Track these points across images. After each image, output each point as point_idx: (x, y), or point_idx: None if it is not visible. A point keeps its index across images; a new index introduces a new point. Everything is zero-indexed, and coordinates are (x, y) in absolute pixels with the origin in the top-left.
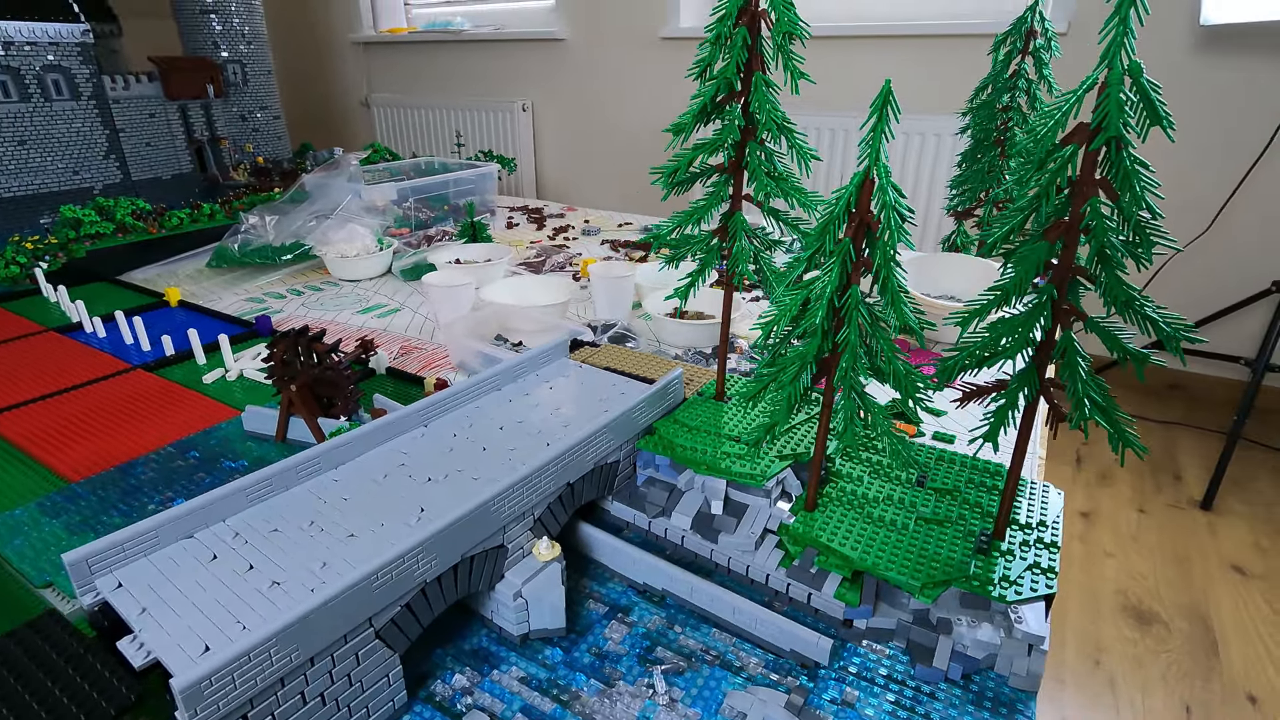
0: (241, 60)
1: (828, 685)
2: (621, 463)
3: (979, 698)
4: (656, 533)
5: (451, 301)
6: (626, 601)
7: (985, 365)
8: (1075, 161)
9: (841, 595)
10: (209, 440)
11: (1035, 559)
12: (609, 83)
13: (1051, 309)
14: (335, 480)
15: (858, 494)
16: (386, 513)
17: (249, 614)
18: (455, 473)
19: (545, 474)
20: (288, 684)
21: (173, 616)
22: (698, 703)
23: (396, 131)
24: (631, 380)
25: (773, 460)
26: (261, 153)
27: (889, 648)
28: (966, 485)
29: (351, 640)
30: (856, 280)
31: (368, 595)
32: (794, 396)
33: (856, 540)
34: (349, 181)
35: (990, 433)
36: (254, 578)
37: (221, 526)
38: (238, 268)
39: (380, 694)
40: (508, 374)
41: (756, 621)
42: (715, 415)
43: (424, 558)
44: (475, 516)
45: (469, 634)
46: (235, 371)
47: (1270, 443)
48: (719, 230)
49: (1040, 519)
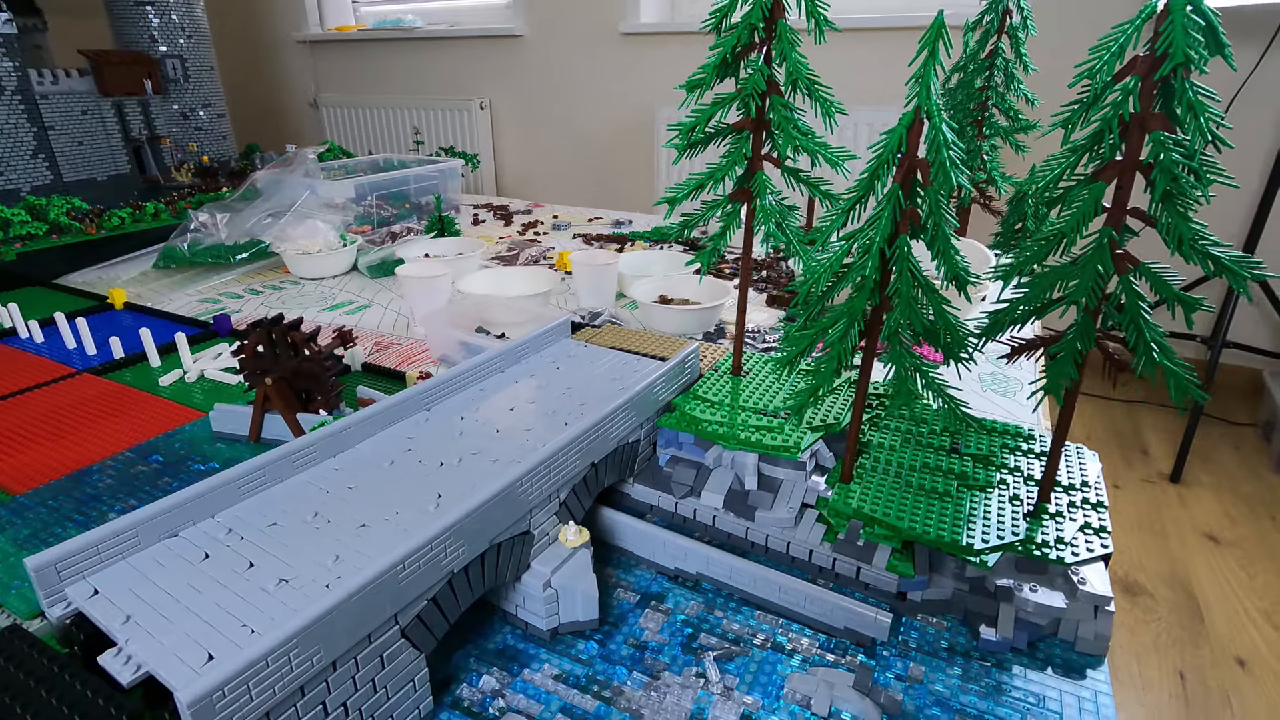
0: (181, 55)
1: (890, 662)
2: (642, 442)
3: (1047, 664)
4: (685, 514)
5: (428, 293)
6: (659, 589)
7: (1037, 317)
8: (1134, 95)
9: (894, 567)
10: (172, 443)
11: (1085, 520)
12: (569, 79)
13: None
14: (336, 469)
15: (893, 463)
16: (400, 501)
17: (257, 616)
18: (470, 456)
19: (570, 453)
20: (308, 692)
21: (164, 624)
22: (755, 689)
23: (348, 133)
24: (643, 358)
25: (804, 432)
26: (206, 152)
27: (946, 619)
28: (1001, 450)
29: (376, 640)
30: (905, 229)
31: (394, 588)
32: (842, 356)
33: (901, 510)
34: (304, 177)
35: (1052, 384)
36: (257, 576)
37: (211, 523)
38: (187, 268)
39: (406, 701)
40: (510, 355)
41: (806, 600)
42: (735, 390)
43: (452, 544)
44: (504, 498)
45: (491, 633)
46: (195, 373)
47: (1226, 416)
48: (738, 192)
49: (1081, 480)
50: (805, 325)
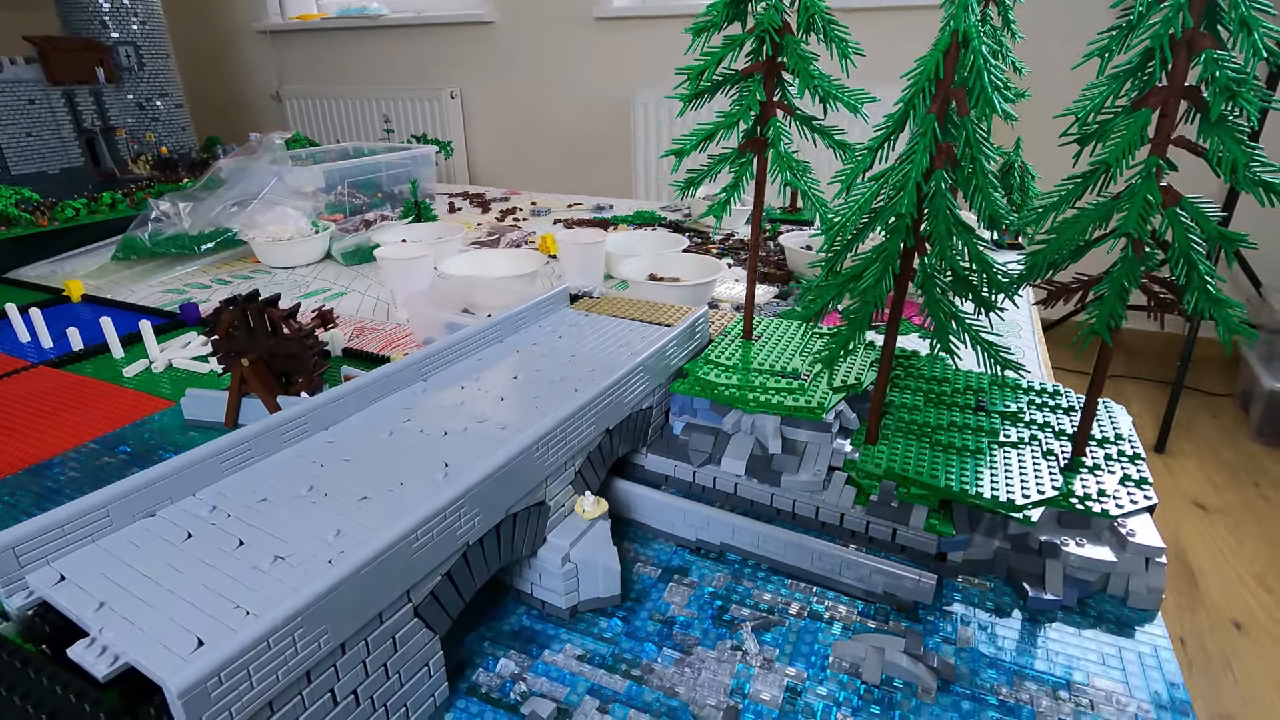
0: (134, 41)
1: (936, 626)
2: (655, 410)
3: (1099, 621)
4: (703, 483)
5: (409, 275)
6: (680, 561)
7: (1073, 260)
8: (1185, 10)
9: (933, 527)
10: (141, 433)
11: (1124, 472)
12: (543, 66)
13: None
14: (330, 442)
15: (918, 423)
16: (403, 471)
17: (252, 597)
18: (476, 424)
19: (584, 418)
20: (315, 679)
21: (144, 610)
22: (797, 660)
23: (313, 126)
24: (649, 325)
25: (826, 393)
26: (165, 143)
27: (988, 580)
28: (1029, 407)
29: (388, 620)
30: (941, 165)
31: (406, 561)
32: (878, 300)
33: (934, 469)
34: (271, 164)
35: (1100, 323)
36: (248, 554)
37: (193, 500)
38: (149, 260)
39: (420, 687)
40: (508, 325)
41: (843, 565)
42: (748, 353)
43: (467, 514)
44: (518, 465)
45: (504, 614)
46: (162, 362)
47: (1202, 387)
48: (750, 142)
49: (1115, 433)
50: (829, 275)
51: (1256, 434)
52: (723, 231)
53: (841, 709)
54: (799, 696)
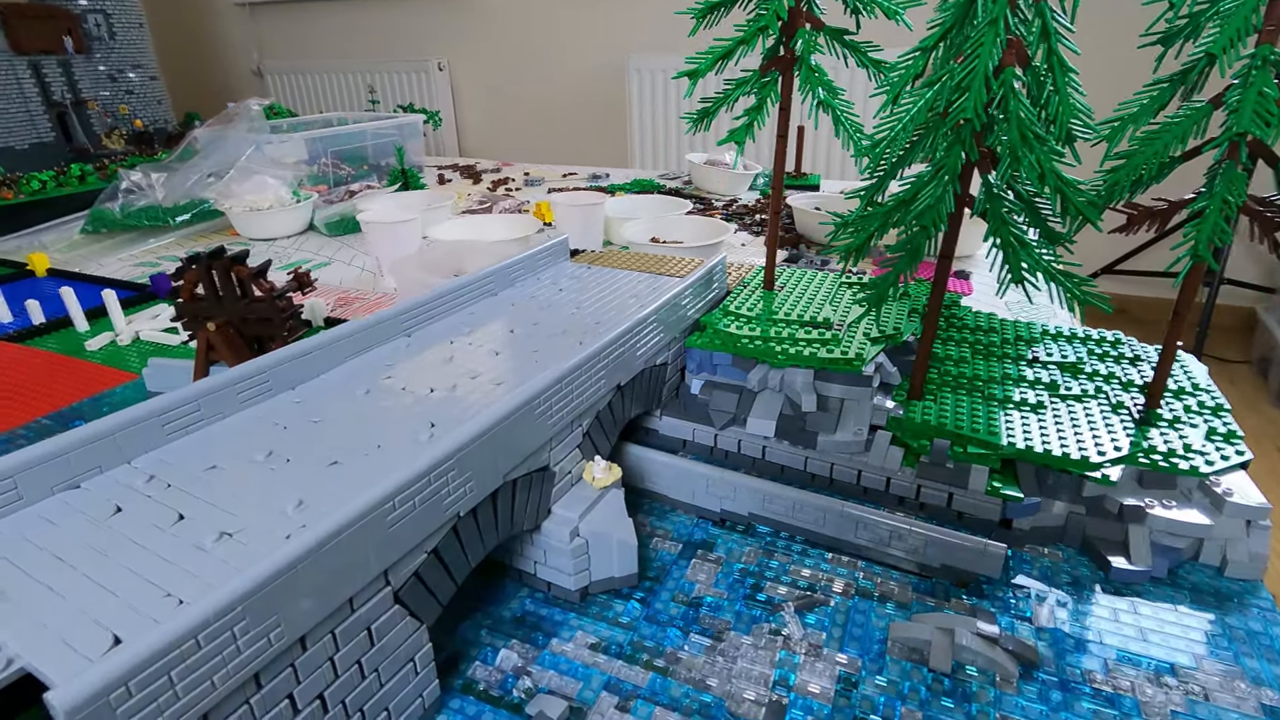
0: (104, 10)
1: (1007, 603)
2: (669, 367)
3: (1195, 593)
4: (727, 448)
5: (394, 240)
6: (703, 535)
7: (1157, 180)
8: None
9: (994, 491)
10: (100, 408)
11: (1209, 425)
12: (533, 34)
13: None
14: (297, 402)
15: (966, 376)
16: (381, 433)
17: (188, 583)
18: (466, 380)
19: (593, 371)
20: (266, 683)
21: (51, 600)
22: (849, 645)
23: (296, 100)
24: (660, 277)
25: (863, 343)
26: (139, 116)
27: (1060, 549)
28: (1089, 356)
29: (360, 608)
30: (1011, 62)
31: (380, 535)
32: (938, 222)
33: (992, 425)
34: (249, 132)
35: (1200, 246)
36: (188, 531)
37: (126, 469)
38: (120, 232)
39: (405, 687)
40: (503, 277)
41: (894, 536)
42: (770, 304)
43: (456, 479)
44: (517, 422)
45: (504, 598)
46: (129, 334)
47: (1219, 354)
48: (774, 61)
49: (1192, 384)
50: (868, 206)
51: (1276, 399)
52: (725, 197)
53: (907, 702)
54: (854, 688)
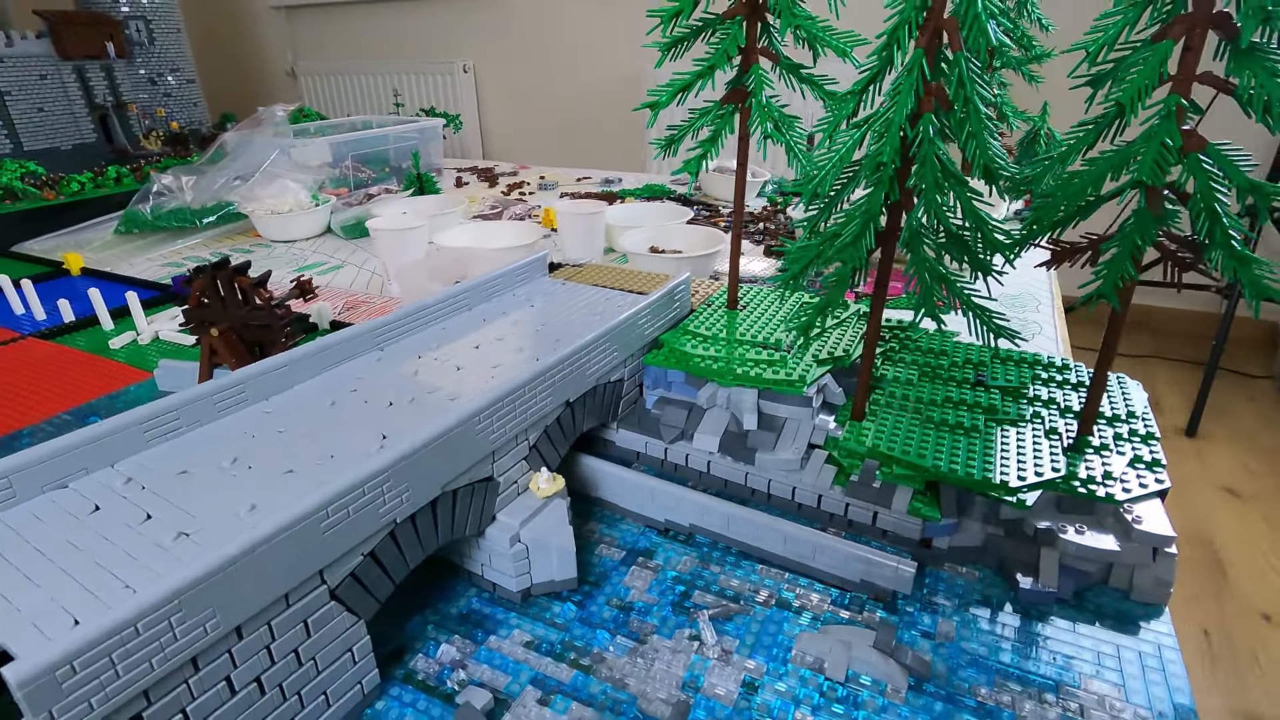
0: (145, 16)
1: (915, 618)
2: (626, 383)
3: (1098, 616)
4: (675, 461)
5: (401, 246)
6: (647, 544)
7: (1081, 218)
8: None
9: (917, 510)
10: (115, 404)
11: (1135, 453)
12: (557, 38)
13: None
14: (267, 412)
15: (910, 398)
16: (338, 444)
17: (141, 575)
18: (425, 395)
19: (539, 389)
20: (204, 667)
21: (29, 589)
22: (758, 652)
23: (327, 102)
24: (627, 294)
25: (810, 364)
26: (176, 119)
27: (977, 569)
28: (1033, 381)
29: (297, 603)
30: (929, 109)
31: (314, 539)
32: (858, 260)
33: (923, 447)
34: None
35: (1106, 285)
36: (153, 530)
37: (108, 472)
38: (151, 233)
39: (342, 675)
40: (478, 292)
41: (816, 551)
42: (731, 324)
43: (391, 489)
44: (455, 436)
45: (453, 596)
46: (149, 334)
47: (1239, 369)
48: (732, 93)
49: (1127, 410)
50: (811, 235)
51: None
52: (730, 203)
53: (801, 707)
54: (755, 692)
